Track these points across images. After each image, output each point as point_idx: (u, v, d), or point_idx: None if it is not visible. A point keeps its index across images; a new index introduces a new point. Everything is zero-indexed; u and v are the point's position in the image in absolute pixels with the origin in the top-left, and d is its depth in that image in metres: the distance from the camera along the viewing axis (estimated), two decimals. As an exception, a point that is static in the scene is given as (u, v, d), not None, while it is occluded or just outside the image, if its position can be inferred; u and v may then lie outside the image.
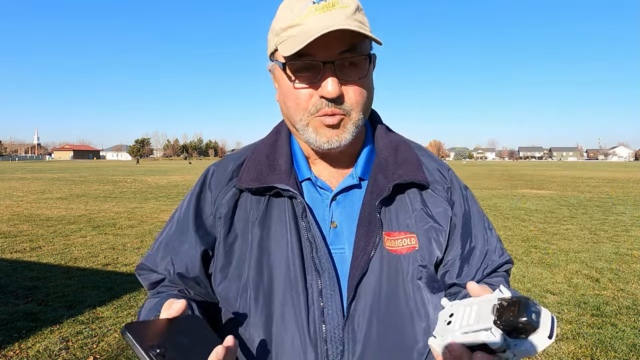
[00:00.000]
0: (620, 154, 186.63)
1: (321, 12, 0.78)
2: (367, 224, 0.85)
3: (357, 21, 0.79)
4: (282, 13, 0.83)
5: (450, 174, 0.96)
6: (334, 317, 0.81)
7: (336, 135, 0.83)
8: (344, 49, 0.79)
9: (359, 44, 0.80)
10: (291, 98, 0.83)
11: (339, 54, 0.79)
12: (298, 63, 0.79)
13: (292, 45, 0.77)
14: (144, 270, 0.97)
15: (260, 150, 0.93)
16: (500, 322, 0.57)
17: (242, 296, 0.85)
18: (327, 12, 0.77)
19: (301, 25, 0.78)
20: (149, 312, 0.86)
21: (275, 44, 0.83)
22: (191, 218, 0.92)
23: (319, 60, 0.78)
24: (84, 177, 27.37)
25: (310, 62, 0.79)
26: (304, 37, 0.75)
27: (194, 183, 0.98)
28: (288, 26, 0.80)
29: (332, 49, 0.78)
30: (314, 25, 0.76)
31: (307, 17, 0.78)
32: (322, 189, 0.90)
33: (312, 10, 0.78)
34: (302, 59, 0.78)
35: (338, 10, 0.78)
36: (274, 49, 0.84)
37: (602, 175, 30.85)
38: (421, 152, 0.98)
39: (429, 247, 0.87)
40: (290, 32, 0.80)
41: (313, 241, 0.83)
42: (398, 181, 0.86)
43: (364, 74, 0.82)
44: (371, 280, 0.83)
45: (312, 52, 0.77)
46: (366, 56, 0.82)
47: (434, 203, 0.90)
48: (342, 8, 0.78)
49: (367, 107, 0.86)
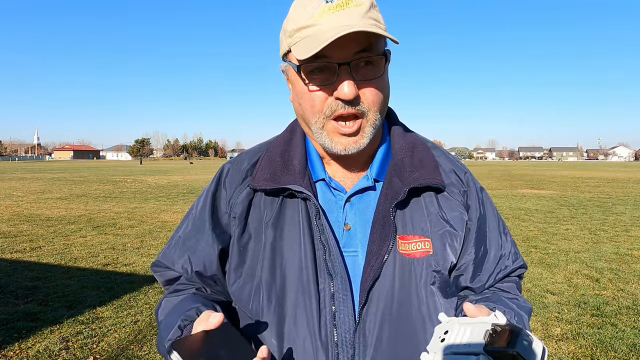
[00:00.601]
0: (620, 154, 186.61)
1: (335, 10, 0.75)
2: (381, 227, 0.83)
3: (372, 19, 0.77)
4: (294, 12, 0.80)
5: (467, 176, 0.94)
6: (346, 322, 0.80)
7: (354, 142, 0.81)
8: (359, 49, 0.76)
9: (375, 43, 0.78)
10: (306, 100, 0.81)
11: (355, 54, 0.76)
12: (313, 65, 0.77)
13: (308, 48, 0.74)
14: (160, 267, 0.98)
15: (275, 149, 0.92)
16: (490, 349, 0.57)
17: (255, 297, 0.85)
18: (341, 11, 0.75)
19: (315, 25, 0.76)
20: (170, 313, 0.86)
21: (289, 45, 0.81)
22: (207, 216, 0.93)
23: (335, 62, 0.76)
24: (84, 177, 27.36)
25: (326, 63, 0.76)
26: (319, 39, 0.73)
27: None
28: (301, 27, 0.77)
29: (348, 49, 0.75)
30: (329, 26, 0.74)
31: (321, 16, 0.75)
32: (336, 190, 0.89)
33: (325, 9, 0.75)
34: (317, 61, 0.76)
35: (352, 9, 0.75)
36: (287, 49, 0.82)
37: (602, 175, 30.84)
38: (438, 152, 0.96)
39: (443, 252, 0.85)
40: (304, 32, 0.77)
41: (326, 244, 0.82)
42: (414, 185, 0.84)
43: (380, 73, 0.80)
44: (384, 284, 0.82)
45: (327, 53, 0.74)
46: (382, 55, 0.79)
47: (449, 207, 0.88)
48: (357, 6, 0.76)
49: (383, 106, 0.84)
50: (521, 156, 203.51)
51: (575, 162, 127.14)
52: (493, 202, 0.98)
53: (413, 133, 0.97)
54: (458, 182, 0.92)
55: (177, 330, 0.77)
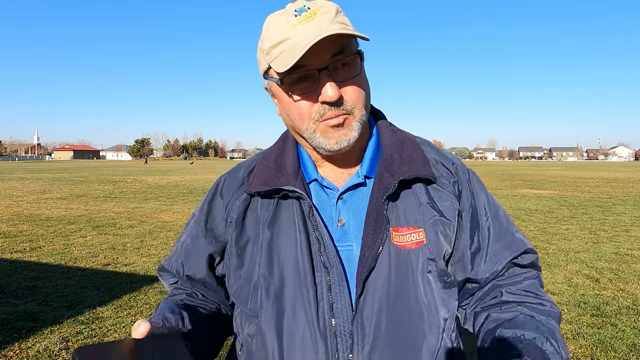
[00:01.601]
0: (620, 154, 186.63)
1: (305, 22, 0.80)
2: (374, 221, 0.86)
3: (339, 23, 0.81)
4: (267, 32, 0.85)
5: (455, 167, 0.96)
6: (343, 312, 0.83)
7: (344, 135, 0.85)
8: (334, 52, 0.81)
9: (347, 44, 0.82)
10: (294, 110, 0.85)
11: (331, 58, 0.81)
12: (294, 76, 0.81)
13: (286, 61, 0.79)
14: (163, 272, 1.06)
15: (269, 156, 0.97)
16: None
17: (254, 294, 0.88)
18: (310, 22, 0.80)
19: (290, 39, 0.80)
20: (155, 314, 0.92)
21: (268, 62, 0.85)
22: (202, 224, 1.00)
23: (314, 69, 0.80)
24: (84, 177, 27.36)
25: (306, 72, 0.81)
26: (295, 50, 0.77)
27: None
28: (276, 43, 0.82)
29: (324, 54, 0.80)
30: (302, 37, 0.79)
31: (293, 30, 0.80)
32: (328, 188, 0.93)
33: (295, 23, 0.80)
34: (297, 71, 0.80)
35: (320, 18, 0.80)
36: (267, 67, 0.86)
37: (602, 175, 30.83)
38: (427, 147, 0.98)
39: (436, 240, 0.87)
40: (280, 48, 0.81)
41: (320, 239, 0.86)
42: (403, 177, 0.87)
43: (357, 71, 0.84)
44: (379, 274, 0.84)
45: (305, 62, 0.79)
46: (356, 54, 0.84)
47: (440, 197, 0.90)
48: (324, 14, 0.81)
49: (366, 102, 0.88)
50: (521, 156, 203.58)
51: (575, 162, 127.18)
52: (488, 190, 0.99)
53: (402, 131, 1.00)
54: (448, 173, 0.94)
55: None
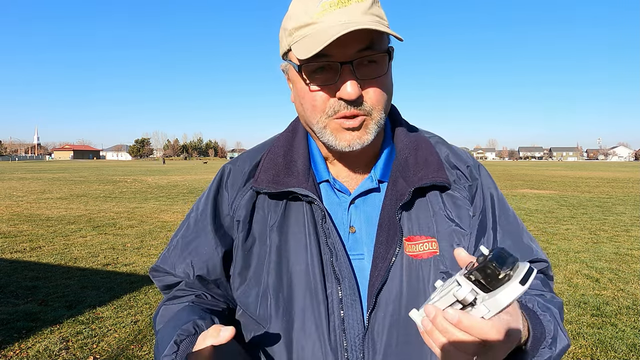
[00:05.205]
0: (620, 154, 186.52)
1: (336, 8, 0.72)
2: (386, 230, 0.81)
3: (374, 15, 0.74)
4: (294, 9, 0.78)
5: (470, 170, 0.90)
6: (354, 327, 0.79)
7: (358, 138, 0.78)
8: (362, 47, 0.73)
9: (378, 40, 0.75)
10: (308, 100, 0.79)
11: (357, 53, 0.73)
12: (314, 64, 0.74)
13: (308, 48, 0.72)
14: (159, 272, 0.94)
15: (277, 150, 0.90)
16: (470, 275, 0.55)
17: (262, 302, 0.83)
18: (342, 8, 0.72)
19: (316, 23, 0.73)
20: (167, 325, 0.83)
21: (289, 44, 0.78)
22: (209, 219, 0.90)
23: (337, 61, 0.73)
24: (84, 177, 27.35)
25: (328, 62, 0.74)
26: (320, 38, 0.70)
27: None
28: (301, 25, 0.75)
29: (350, 47, 0.73)
30: (330, 24, 0.72)
31: (322, 14, 0.73)
32: (340, 191, 0.87)
33: (326, 6, 0.73)
34: (318, 60, 0.73)
35: (354, 5, 0.73)
36: (287, 48, 0.79)
37: (602, 175, 30.82)
38: (441, 147, 0.93)
39: (450, 253, 0.82)
40: (304, 31, 0.75)
41: (333, 248, 0.81)
42: (418, 184, 0.82)
43: (383, 71, 0.77)
44: (391, 288, 0.80)
45: (328, 52, 0.72)
46: (385, 52, 0.77)
47: (455, 204, 0.85)
48: (358, 3, 0.73)
49: (387, 105, 0.81)
50: (521, 156, 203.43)
51: (575, 162, 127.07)
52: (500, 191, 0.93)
53: (417, 131, 0.94)
54: (462, 177, 0.89)
55: (173, 346, 0.74)
